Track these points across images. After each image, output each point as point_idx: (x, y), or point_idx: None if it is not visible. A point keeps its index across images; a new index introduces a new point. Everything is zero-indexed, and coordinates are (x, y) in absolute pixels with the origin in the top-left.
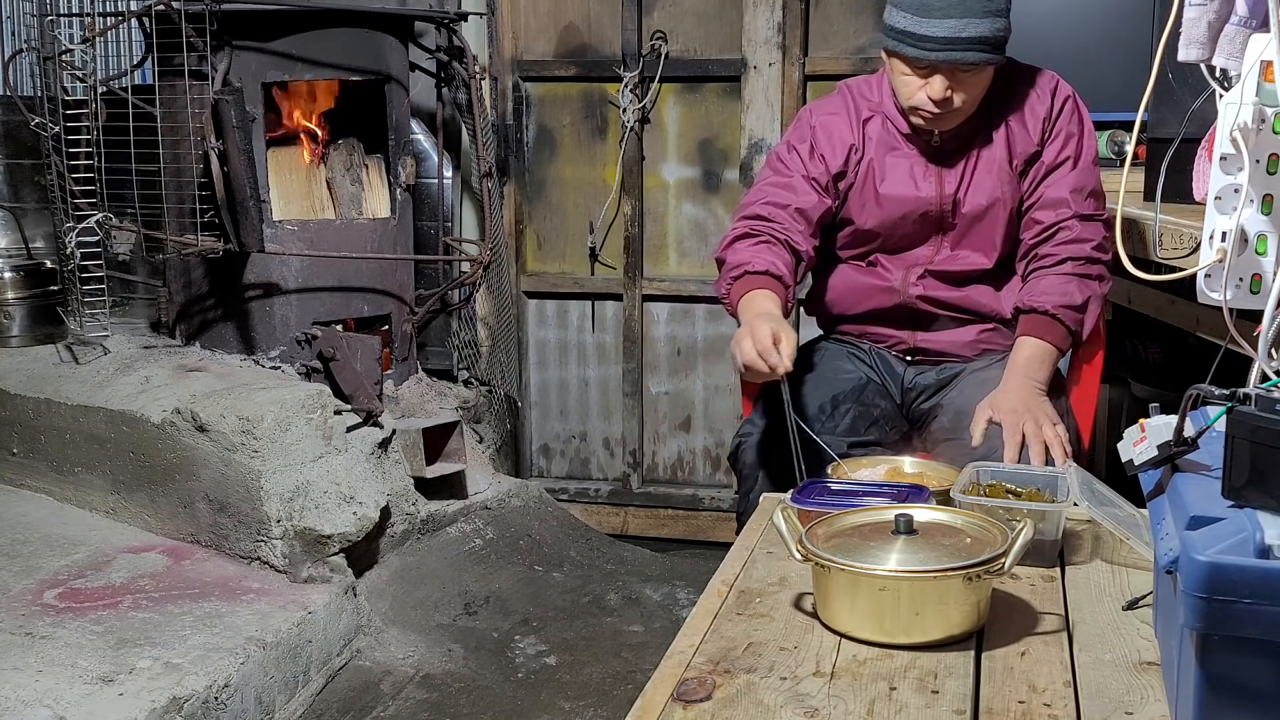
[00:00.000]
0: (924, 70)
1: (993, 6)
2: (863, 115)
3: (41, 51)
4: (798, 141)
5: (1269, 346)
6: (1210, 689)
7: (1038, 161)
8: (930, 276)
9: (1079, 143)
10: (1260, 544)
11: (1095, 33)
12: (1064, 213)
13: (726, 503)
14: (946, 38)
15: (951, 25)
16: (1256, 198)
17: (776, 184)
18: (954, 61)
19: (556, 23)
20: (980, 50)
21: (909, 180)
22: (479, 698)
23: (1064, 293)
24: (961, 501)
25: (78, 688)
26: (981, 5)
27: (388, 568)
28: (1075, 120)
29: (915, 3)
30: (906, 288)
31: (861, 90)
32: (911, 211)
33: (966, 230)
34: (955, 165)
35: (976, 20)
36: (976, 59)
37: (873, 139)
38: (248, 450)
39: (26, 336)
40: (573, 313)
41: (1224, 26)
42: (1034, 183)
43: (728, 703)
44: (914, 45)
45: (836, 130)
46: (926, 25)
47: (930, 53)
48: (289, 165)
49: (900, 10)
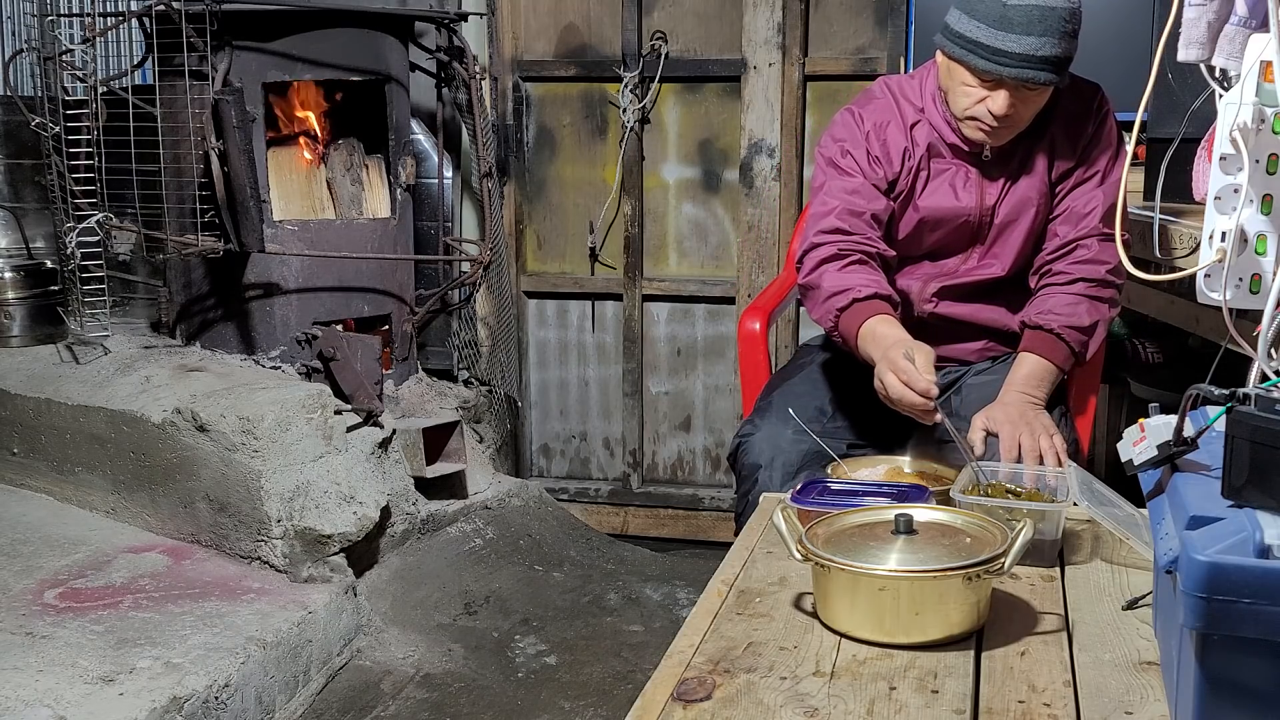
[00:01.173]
0: (990, 84)
1: (1070, 27)
2: (909, 120)
3: (42, 51)
4: (853, 145)
5: (1269, 346)
6: (1210, 689)
7: (1071, 173)
8: (945, 295)
9: (1111, 159)
10: (1260, 544)
11: (1095, 33)
12: (1085, 229)
13: (726, 503)
14: (1023, 54)
15: (1030, 43)
16: (1256, 198)
17: (847, 189)
18: (1025, 80)
19: (556, 23)
20: (1052, 70)
21: (949, 192)
22: (479, 697)
23: (1072, 314)
24: (961, 501)
25: (78, 687)
26: (1061, 25)
27: (388, 567)
28: (1111, 134)
29: (995, 15)
30: (921, 304)
31: (905, 92)
32: (948, 223)
33: (994, 240)
34: (998, 177)
35: (1055, 40)
36: (1048, 79)
37: (920, 145)
38: (248, 450)
39: (27, 336)
40: (573, 313)
41: (1224, 26)
42: (1062, 194)
43: (728, 702)
44: (987, 58)
45: (892, 136)
46: (1004, 39)
47: (1004, 68)
48: (289, 165)
49: (974, 19)
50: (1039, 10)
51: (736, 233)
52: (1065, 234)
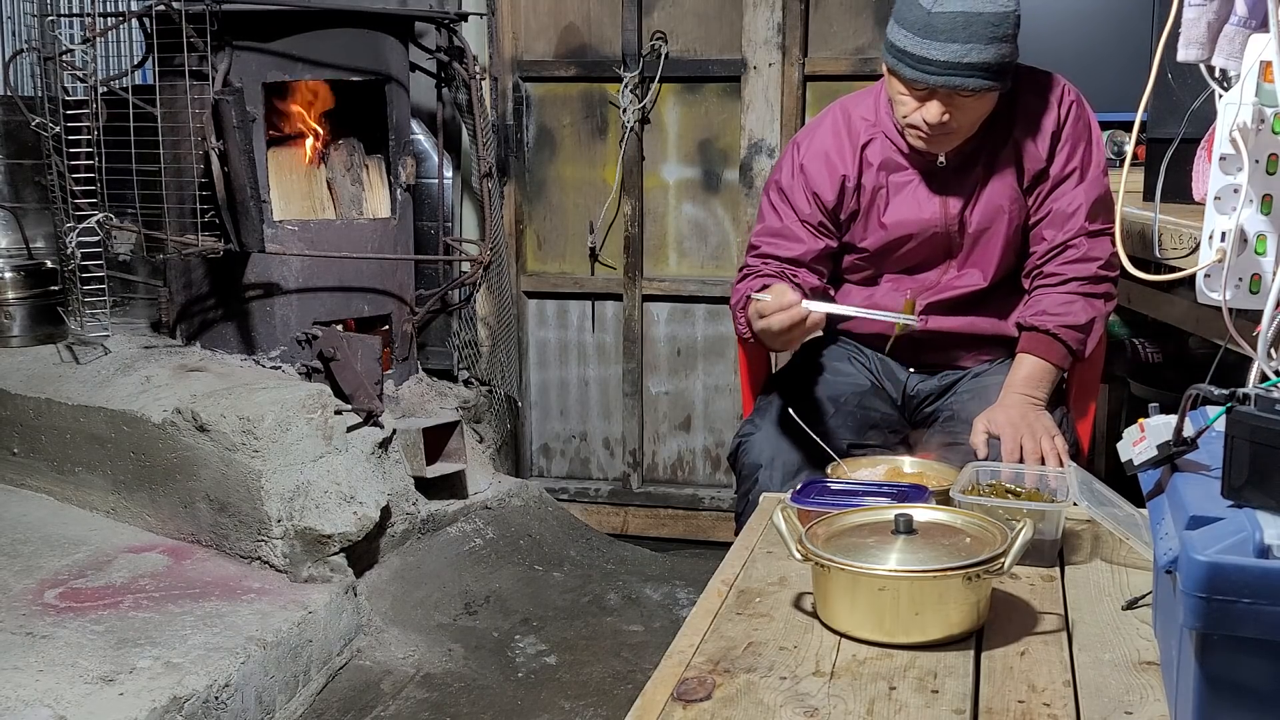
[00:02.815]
0: (922, 92)
1: (999, 32)
2: (860, 140)
3: (42, 51)
4: (786, 181)
5: (1268, 346)
6: (1210, 689)
7: (1045, 174)
8: (933, 310)
9: (1086, 151)
10: (1260, 544)
11: (1095, 33)
12: (1071, 230)
13: (726, 503)
14: (948, 62)
15: (955, 50)
16: (1256, 198)
17: (770, 232)
18: (953, 87)
19: (556, 23)
20: (982, 77)
21: (913, 203)
22: (479, 697)
23: (1067, 312)
24: (961, 501)
25: (78, 687)
26: (988, 30)
27: (388, 567)
28: (1082, 127)
29: (919, 22)
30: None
31: (858, 110)
32: (917, 235)
33: (971, 250)
34: (961, 185)
35: (981, 46)
36: (977, 86)
37: (873, 163)
38: (248, 450)
39: (27, 336)
40: (573, 313)
41: (1223, 27)
42: (1041, 197)
43: (728, 702)
44: (913, 66)
45: (826, 165)
46: (928, 47)
47: (930, 76)
48: (289, 165)
49: (903, 28)
50: (964, 16)
51: (736, 233)
52: (1053, 237)
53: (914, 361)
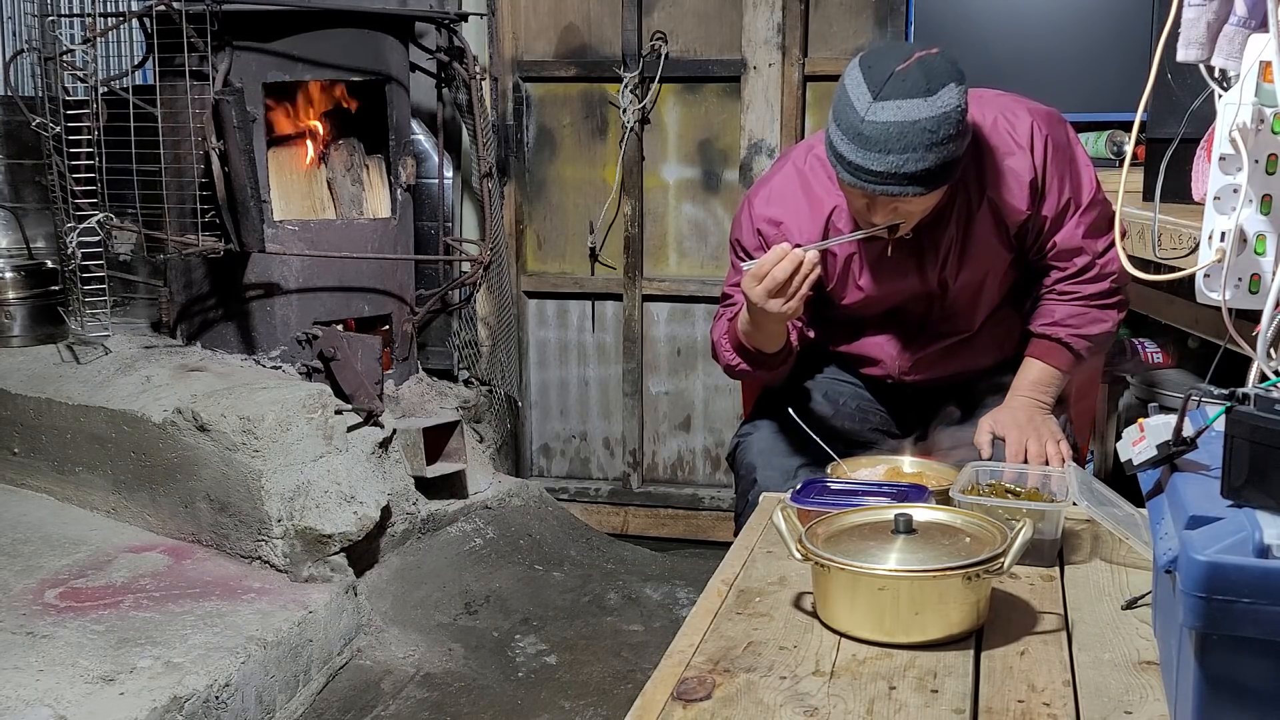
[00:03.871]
0: (862, 195)
1: (936, 138)
2: (826, 207)
3: (42, 51)
4: (750, 243)
5: (1268, 346)
6: (1209, 689)
7: (1037, 218)
8: (919, 367)
9: (1074, 179)
10: (1259, 544)
11: (1095, 33)
12: (1082, 260)
13: (726, 503)
14: (884, 173)
15: (891, 160)
16: (1255, 198)
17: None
18: (893, 195)
19: (556, 23)
20: (920, 185)
21: (888, 269)
22: (479, 697)
23: (1081, 323)
24: (961, 501)
25: (78, 687)
26: (924, 138)
27: (388, 567)
28: (1062, 159)
29: (852, 129)
30: (899, 374)
31: (818, 174)
32: (895, 297)
33: (955, 302)
34: (937, 248)
35: (918, 155)
36: (917, 192)
37: (844, 230)
38: (248, 450)
39: (27, 336)
40: (573, 313)
41: (1223, 27)
42: (1039, 238)
43: (728, 702)
44: (852, 174)
45: (784, 233)
46: (864, 156)
47: (869, 185)
48: (289, 165)
49: (839, 129)
50: (897, 127)
51: None
52: (1064, 265)
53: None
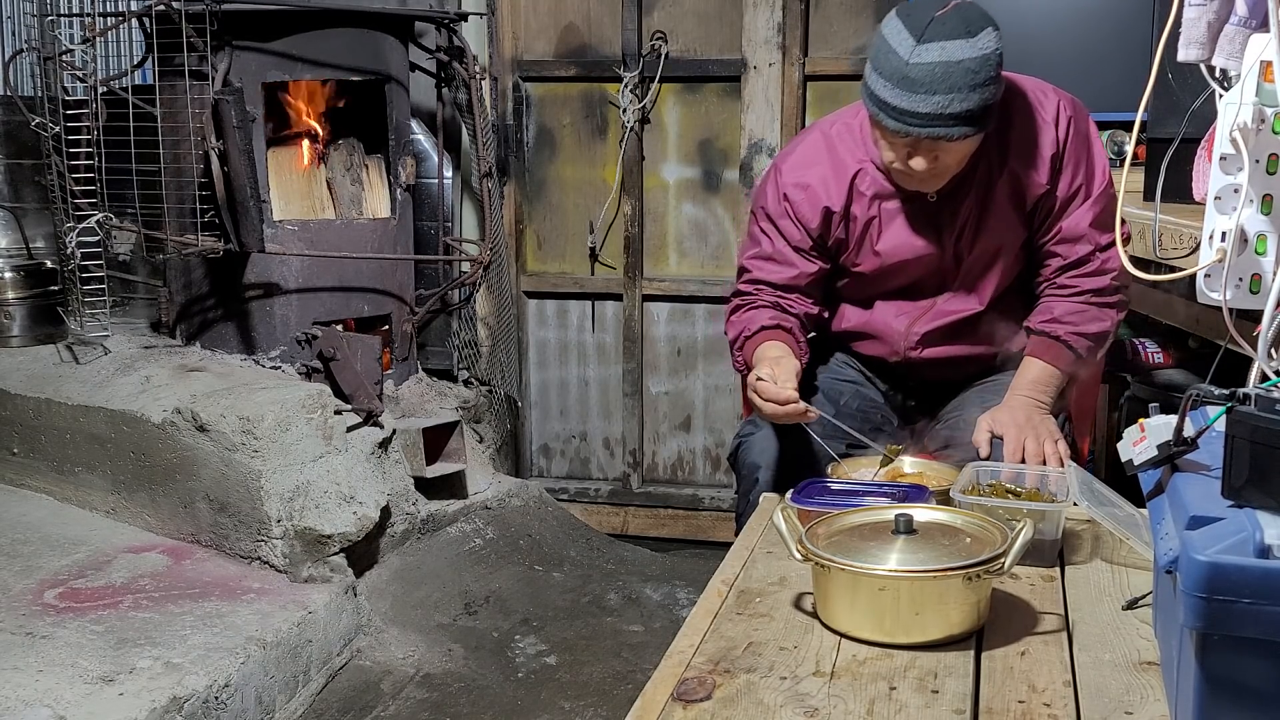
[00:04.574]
0: (905, 141)
1: (979, 78)
2: (850, 170)
3: (42, 51)
4: (772, 207)
5: (1269, 346)
6: (1210, 689)
7: (1051, 196)
8: (928, 341)
9: (1089, 167)
10: (1260, 544)
11: (1095, 33)
12: (1084, 248)
13: (726, 503)
14: (930, 114)
15: (936, 101)
16: (1256, 198)
17: (760, 256)
18: (938, 137)
19: (556, 23)
20: (966, 125)
21: (906, 234)
22: (479, 697)
23: (1079, 321)
24: (961, 501)
25: (78, 687)
26: (968, 79)
27: (388, 567)
28: (1081, 142)
29: (896, 73)
30: (905, 348)
31: (844, 139)
32: (911, 264)
33: (967, 276)
34: (955, 215)
35: (963, 95)
36: (962, 134)
37: (865, 194)
38: (248, 450)
39: (27, 336)
40: (573, 313)
41: (1224, 26)
42: (1048, 218)
43: (728, 702)
44: (896, 119)
45: (809, 196)
46: (909, 99)
47: (913, 128)
48: (289, 165)
49: (881, 77)
50: (942, 67)
51: (737, 233)
52: (1066, 253)
53: (909, 388)
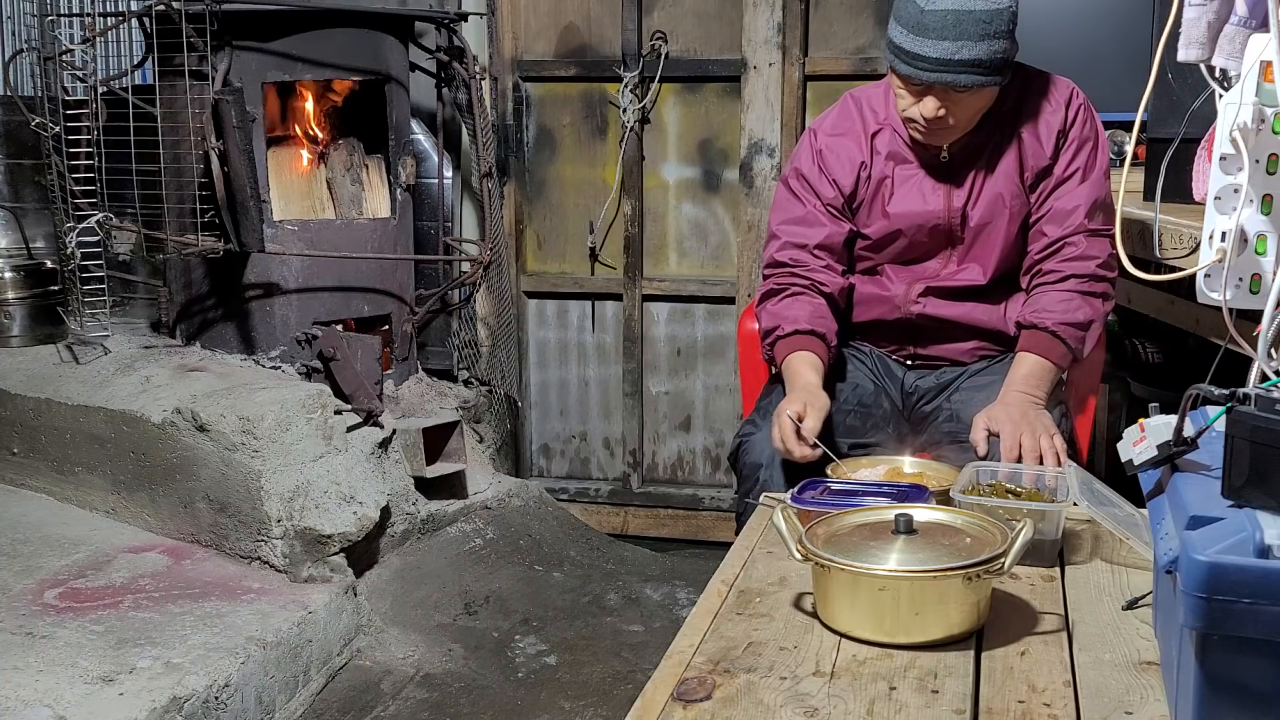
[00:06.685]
0: (918, 88)
1: (990, 29)
2: (870, 129)
3: (42, 51)
4: (806, 167)
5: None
6: (1210, 689)
7: (1049, 173)
8: (932, 294)
9: (1091, 154)
10: (1260, 544)
11: (1095, 33)
12: (1071, 227)
13: (726, 503)
14: (940, 59)
15: (946, 47)
16: (1256, 198)
17: (792, 220)
18: (946, 84)
19: (556, 23)
20: (975, 73)
21: (917, 194)
22: (479, 697)
23: (1066, 310)
24: (961, 501)
25: (78, 687)
26: (979, 28)
27: (388, 567)
28: (1089, 130)
29: (912, 20)
30: (908, 305)
31: (869, 101)
32: (919, 226)
33: (972, 244)
34: (964, 179)
35: (973, 43)
36: (970, 82)
37: (881, 153)
38: (248, 450)
39: (27, 336)
40: (573, 313)
41: (1224, 26)
42: (1043, 195)
43: (728, 702)
44: (908, 63)
45: (844, 149)
46: (921, 44)
47: (923, 72)
48: (289, 165)
49: (899, 25)
50: (954, 14)
51: (737, 233)
52: (1052, 233)
53: (912, 354)
